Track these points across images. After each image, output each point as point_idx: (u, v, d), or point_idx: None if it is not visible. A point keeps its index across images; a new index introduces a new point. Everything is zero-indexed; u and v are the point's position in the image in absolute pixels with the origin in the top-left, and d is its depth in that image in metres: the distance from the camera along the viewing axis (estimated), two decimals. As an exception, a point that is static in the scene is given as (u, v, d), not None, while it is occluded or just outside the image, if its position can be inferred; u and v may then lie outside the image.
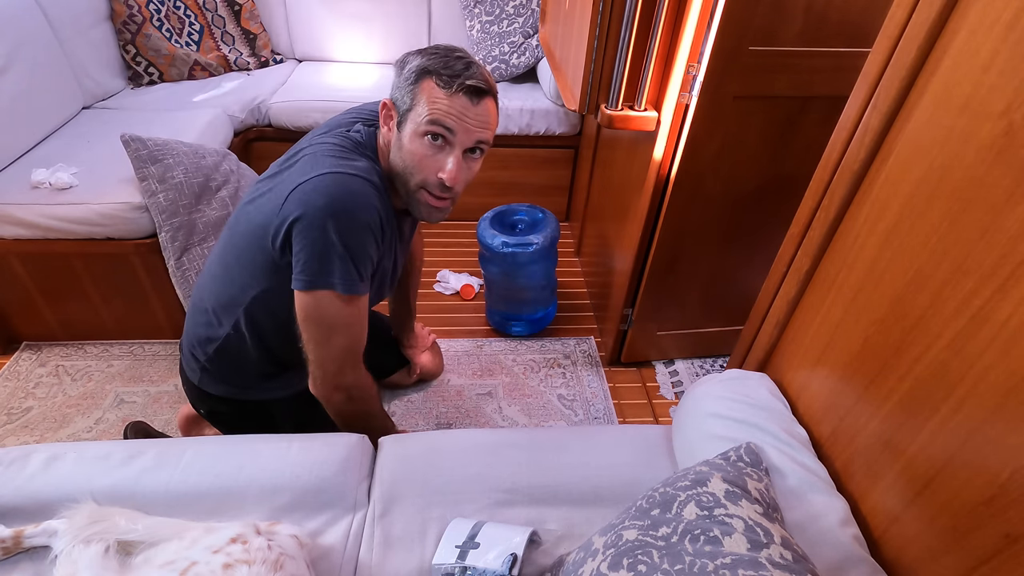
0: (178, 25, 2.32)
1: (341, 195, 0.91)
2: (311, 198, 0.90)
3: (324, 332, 0.98)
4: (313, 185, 0.91)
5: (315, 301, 0.95)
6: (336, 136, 1.01)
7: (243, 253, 1.02)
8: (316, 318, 0.97)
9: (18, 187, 1.60)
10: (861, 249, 0.82)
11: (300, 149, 1.03)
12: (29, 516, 0.87)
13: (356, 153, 0.99)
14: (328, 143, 0.99)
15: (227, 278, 1.06)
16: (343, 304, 0.96)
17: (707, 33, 1.18)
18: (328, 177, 0.91)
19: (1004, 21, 0.60)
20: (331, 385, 1.05)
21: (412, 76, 0.94)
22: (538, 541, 0.90)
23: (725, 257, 1.61)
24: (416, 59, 0.95)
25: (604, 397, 1.77)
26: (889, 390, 0.75)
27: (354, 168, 0.94)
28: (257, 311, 1.06)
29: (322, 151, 0.98)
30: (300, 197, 0.91)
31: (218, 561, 0.73)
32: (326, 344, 1.00)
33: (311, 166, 0.94)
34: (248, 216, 1.01)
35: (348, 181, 0.92)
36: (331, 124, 1.09)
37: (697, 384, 1.05)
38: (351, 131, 1.04)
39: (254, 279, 1.02)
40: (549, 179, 2.43)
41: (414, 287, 1.56)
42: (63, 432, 1.58)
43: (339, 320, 0.98)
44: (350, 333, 1.01)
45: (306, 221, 0.90)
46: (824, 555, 0.74)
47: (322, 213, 0.89)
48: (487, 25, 2.39)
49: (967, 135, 0.64)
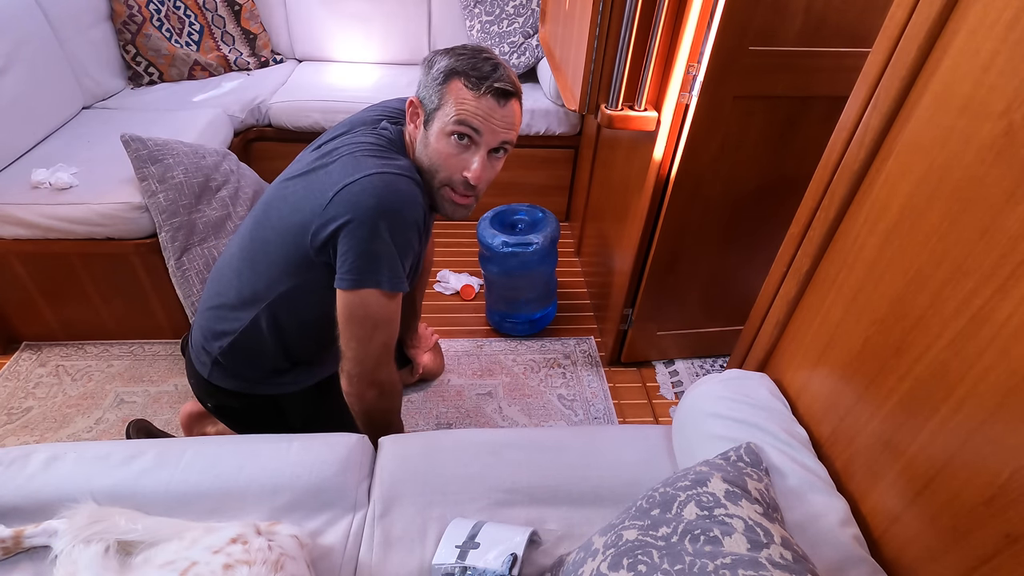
0: (178, 25, 2.32)
1: (390, 195, 0.93)
2: (361, 199, 0.92)
3: (368, 330, 0.99)
4: (362, 186, 0.92)
5: (360, 300, 0.96)
6: (371, 135, 1.03)
7: (274, 249, 1.03)
8: (361, 317, 0.98)
9: (18, 187, 1.60)
10: (861, 249, 0.82)
11: (334, 149, 1.03)
12: (29, 516, 0.87)
13: (395, 151, 1.01)
14: (366, 142, 1.00)
15: (252, 273, 1.07)
16: (387, 301, 0.97)
17: (707, 33, 1.18)
18: (376, 178, 0.93)
19: (1004, 21, 0.60)
20: (368, 381, 1.06)
21: (440, 76, 0.96)
22: (538, 541, 0.90)
23: (725, 257, 1.61)
24: (444, 59, 0.96)
25: (604, 397, 1.77)
26: (889, 390, 0.75)
27: (398, 168, 0.96)
28: (281, 307, 1.06)
29: (362, 150, 0.99)
30: (348, 199, 0.92)
31: (218, 561, 0.73)
32: (368, 341, 1.01)
33: (354, 167, 0.95)
34: (281, 214, 1.02)
35: (395, 181, 0.94)
36: (355, 121, 1.10)
37: (697, 384, 1.05)
38: (380, 128, 1.05)
39: (284, 275, 1.03)
40: (549, 179, 2.43)
41: (421, 287, 1.56)
42: (63, 432, 1.58)
43: (382, 317, 0.99)
44: (390, 329, 1.02)
45: (356, 223, 0.91)
46: (824, 555, 0.74)
47: (373, 214, 0.91)
48: (487, 25, 2.39)
49: (967, 135, 0.64)
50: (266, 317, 1.07)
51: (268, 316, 1.07)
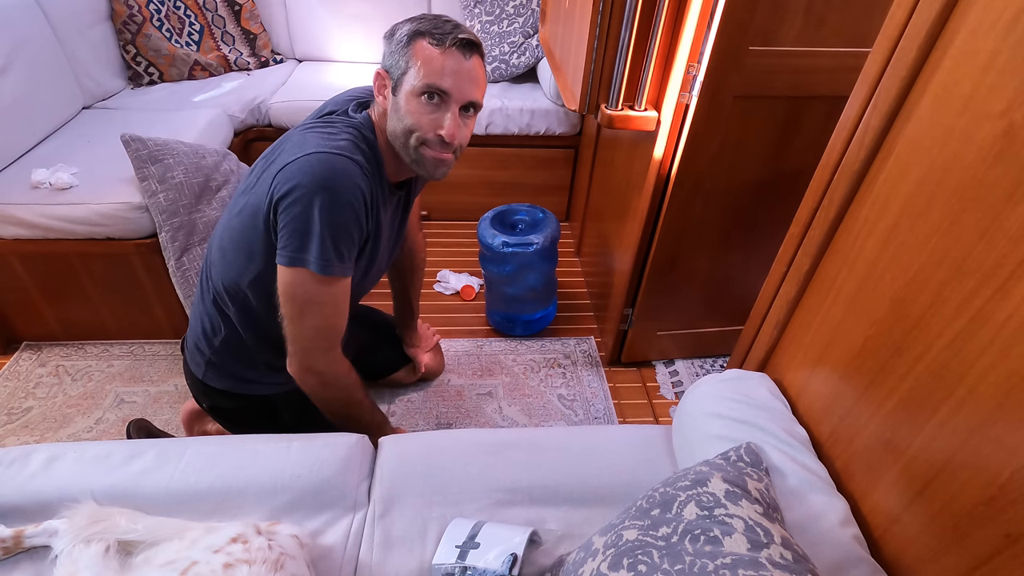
0: (178, 25, 2.32)
1: (324, 173, 0.93)
2: (295, 176, 0.93)
3: (297, 310, 1.00)
4: (299, 165, 0.93)
5: (292, 277, 0.97)
6: (324, 119, 1.04)
7: (239, 235, 1.03)
8: (291, 295, 0.98)
9: (18, 187, 1.60)
10: (861, 249, 0.82)
11: (290, 135, 1.05)
12: (29, 516, 0.87)
13: (342, 133, 1.00)
14: (314, 125, 1.02)
15: (224, 264, 1.07)
16: (317, 284, 0.97)
17: (707, 33, 1.18)
18: (313, 156, 0.94)
19: (1004, 21, 0.60)
20: (303, 366, 1.06)
21: (404, 39, 0.97)
22: (538, 541, 0.90)
23: (725, 257, 1.61)
24: (406, 25, 0.98)
25: (604, 397, 1.77)
26: (889, 390, 0.75)
27: (337, 147, 0.96)
28: (255, 296, 1.06)
29: (310, 130, 1.00)
30: (286, 175, 0.93)
31: (219, 561, 0.73)
32: (299, 322, 1.01)
33: (298, 147, 0.96)
34: (245, 198, 1.03)
35: (331, 160, 0.94)
36: (322, 108, 1.11)
37: (697, 384, 1.05)
38: (341, 112, 1.06)
39: (250, 261, 1.03)
40: (549, 179, 2.43)
41: (416, 286, 1.56)
42: (63, 432, 1.58)
43: (313, 299, 0.99)
44: (323, 314, 1.01)
45: (291, 198, 0.92)
46: (824, 555, 0.74)
47: (306, 191, 0.92)
48: (487, 25, 2.39)
49: (967, 135, 0.64)
50: (247, 308, 1.08)
51: (248, 307, 1.08)
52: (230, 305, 1.09)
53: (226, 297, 1.09)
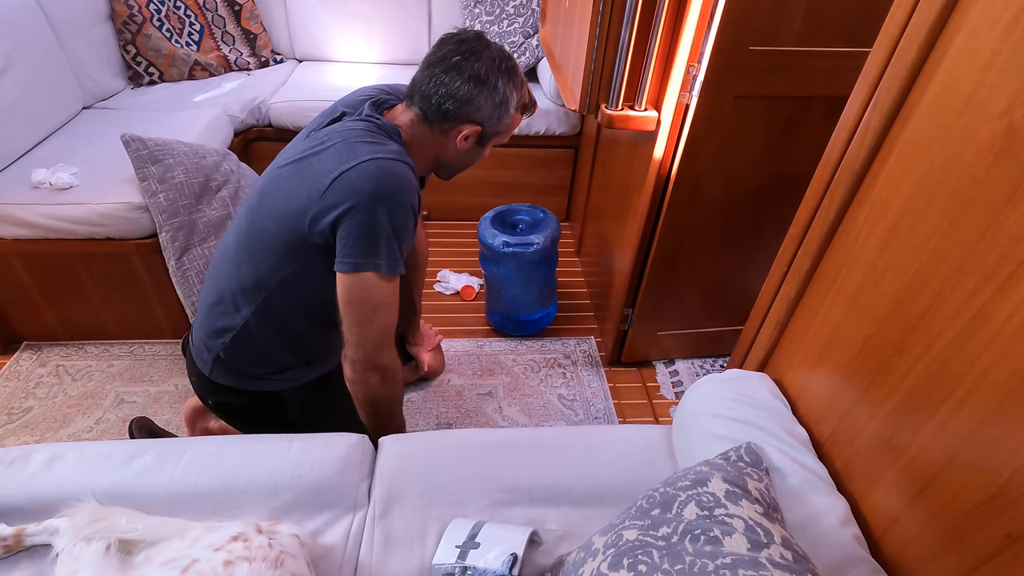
0: (178, 25, 2.32)
1: (386, 180, 0.96)
2: (358, 185, 0.94)
3: (368, 312, 1.01)
4: (358, 173, 0.95)
5: (360, 282, 0.98)
6: (360, 121, 1.05)
7: (271, 236, 1.03)
8: (361, 299, 0.99)
9: (18, 187, 1.60)
10: (861, 249, 0.82)
11: (327, 136, 1.04)
12: (30, 516, 0.87)
13: (386, 137, 1.03)
14: (357, 128, 1.03)
15: (251, 263, 1.07)
16: (385, 283, 0.99)
17: (707, 33, 1.18)
18: (372, 164, 0.96)
19: (1004, 21, 0.60)
20: (371, 365, 1.06)
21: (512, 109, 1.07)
22: (538, 541, 0.90)
23: (725, 257, 1.61)
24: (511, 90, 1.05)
25: (604, 397, 1.77)
26: (889, 390, 0.76)
27: (391, 152, 0.99)
28: (282, 294, 1.07)
29: (355, 137, 1.01)
30: (346, 185, 0.95)
31: (219, 558, 0.73)
32: (368, 324, 1.02)
33: (349, 154, 0.98)
34: (277, 201, 1.03)
35: (390, 166, 0.97)
36: (333, 109, 1.11)
37: (697, 384, 1.05)
38: (366, 115, 1.07)
39: (283, 261, 1.03)
40: (549, 179, 2.43)
41: (419, 284, 1.56)
42: (63, 432, 1.58)
43: (381, 299, 1.00)
44: (390, 311, 1.03)
45: (356, 208, 0.94)
46: (824, 555, 0.74)
47: (371, 198, 0.94)
48: (487, 25, 2.39)
49: (967, 135, 0.64)
50: (269, 307, 1.08)
51: (271, 305, 1.08)
52: (248, 303, 1.09)
53: (247, 294, 1.08)
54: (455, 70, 1.00)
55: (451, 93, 1.01)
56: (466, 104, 1.02)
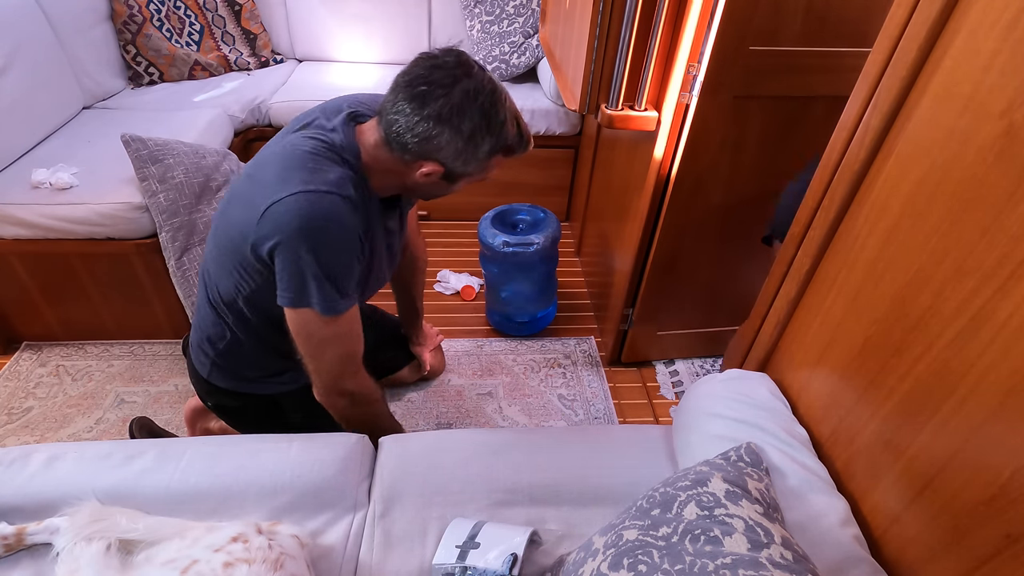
0: (178, 25, 2.32)
1: (314, 217, 0.89)
2: (284, 220, 0.88)
3: (315, 347, 0.99)
4: (286, 206, 0.88)
5: (300, 318, 0.95)
6: (310, 140, 0.96)
7: (228, 254, 1.01)
8: (305, 335, 0.97)
9: (18, 187, 1.60)
10: (861, 249, 0.82)
11: (284, 146, 0.98)
12: (30, 516, 0.87)
13: (330, 160, 0.94)
14: (302, 150, 0.94)
15: (220, 271, 1.06)
16: (326, 323, 0.95)
17: (707, 33, 1.18)
18: (301, 197, 0.88)
19: (1004, 21, 0.60)
20: (334, 391, 1.06)
21: (482, 154, 0.93)
22: (538, 541, 0.90)
23: (725, 257, 1.61)
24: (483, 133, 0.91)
25: (604, 397, 1.77)
26: (890, 390, 0.75)
27: (326, 184, 0.91)
28: (250, 310, 1.06)
29: (293, 161, 0.93)
30: (274, 219, 0.89)
31: (219, 559, 0.73)
32: (320, 357, 1.01)
33: (281, 182, 0.90)
34: (228, 218, 1.00)
35: (318, 200, 0.89)
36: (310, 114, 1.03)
37: (697, 384, 1.05)
38: (329, 129, 0.98)
39: (242, 279, 1.01)
40: (549, 179, 2.43)
41: (419, 287, 1.56)
42: (63, 432, 1.58)
43: (327, 335, 0.98)
44: (341, 344, 1.01)
45: (283, 245, 0.89)
46: (824, 555, 0.74)
47: (296, 237, 0.88)
48: (487, 25, 2.39)
49: (967, 135, 0.64)
50: (244, 318, 1.07)
51: (245, 316, 1.07)
52: (228, 314, 1.08)
53: (223, 306, 1.08)
54: (417, 101, 0.88)
55: (410, 127, 0.89)
56: (425, 142, 0.90)
